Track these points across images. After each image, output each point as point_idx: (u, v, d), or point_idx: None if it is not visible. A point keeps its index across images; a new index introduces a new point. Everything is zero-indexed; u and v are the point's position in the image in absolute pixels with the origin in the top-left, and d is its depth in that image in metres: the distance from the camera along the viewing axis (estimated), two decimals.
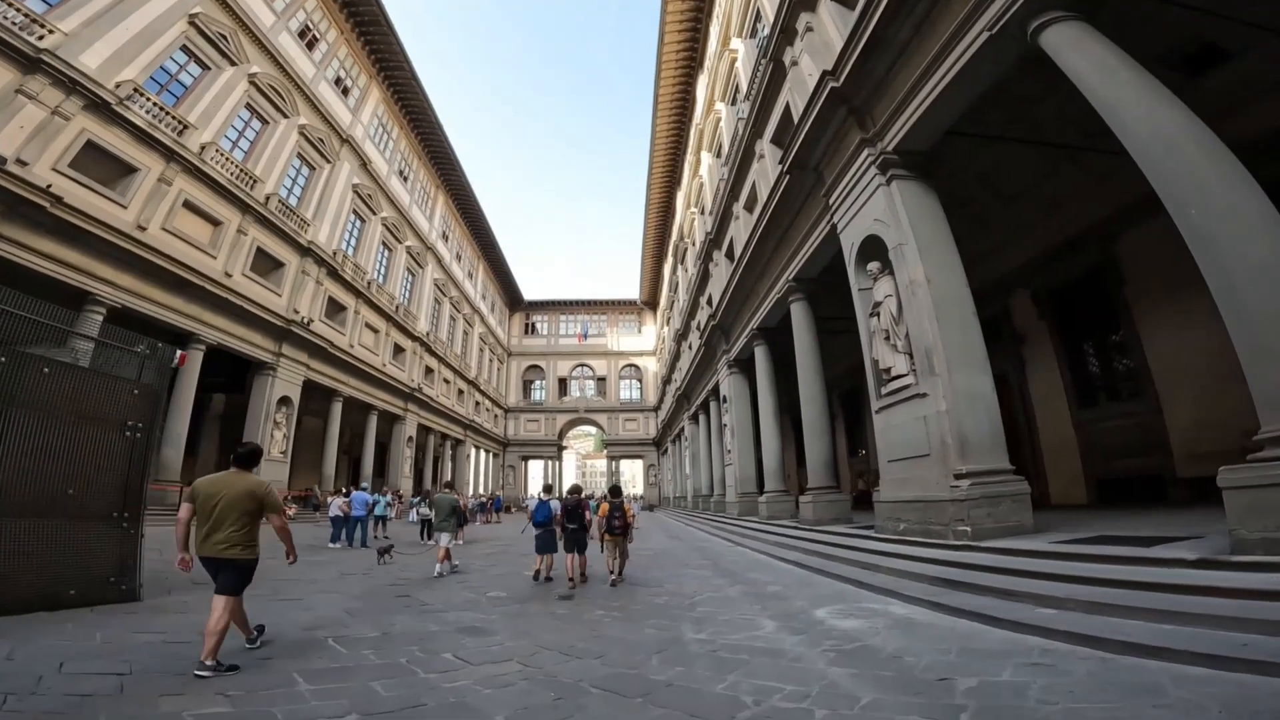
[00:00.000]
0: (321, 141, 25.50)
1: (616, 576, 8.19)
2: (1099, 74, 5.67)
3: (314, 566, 9.64)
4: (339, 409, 27.28)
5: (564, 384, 55.95)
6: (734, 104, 21.47)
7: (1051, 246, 13.58)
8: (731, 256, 20.20)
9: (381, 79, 30.75)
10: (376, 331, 30.34)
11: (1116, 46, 5.68)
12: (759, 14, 17.38)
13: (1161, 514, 8.77)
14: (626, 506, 8.41)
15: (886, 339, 8.81)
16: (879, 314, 9.04)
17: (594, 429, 58.70)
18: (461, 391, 42.92)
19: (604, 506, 8.38)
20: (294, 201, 24.16)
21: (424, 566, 10.33)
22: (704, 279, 25.63)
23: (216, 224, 19.90)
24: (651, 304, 55.39)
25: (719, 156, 24.02)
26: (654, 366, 53.94)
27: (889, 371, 8.80)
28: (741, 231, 18.45)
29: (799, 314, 13.73)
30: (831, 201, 10.93)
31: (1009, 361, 14.72)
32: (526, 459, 55.63)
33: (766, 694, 3.45)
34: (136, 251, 16.51)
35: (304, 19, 24.82)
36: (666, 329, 44.24)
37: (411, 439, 34.21)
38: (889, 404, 8.83)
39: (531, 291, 60.90)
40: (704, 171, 27.25)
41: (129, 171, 16.88)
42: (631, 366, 56.14)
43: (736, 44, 20.36)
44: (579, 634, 5.11)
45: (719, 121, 23.95)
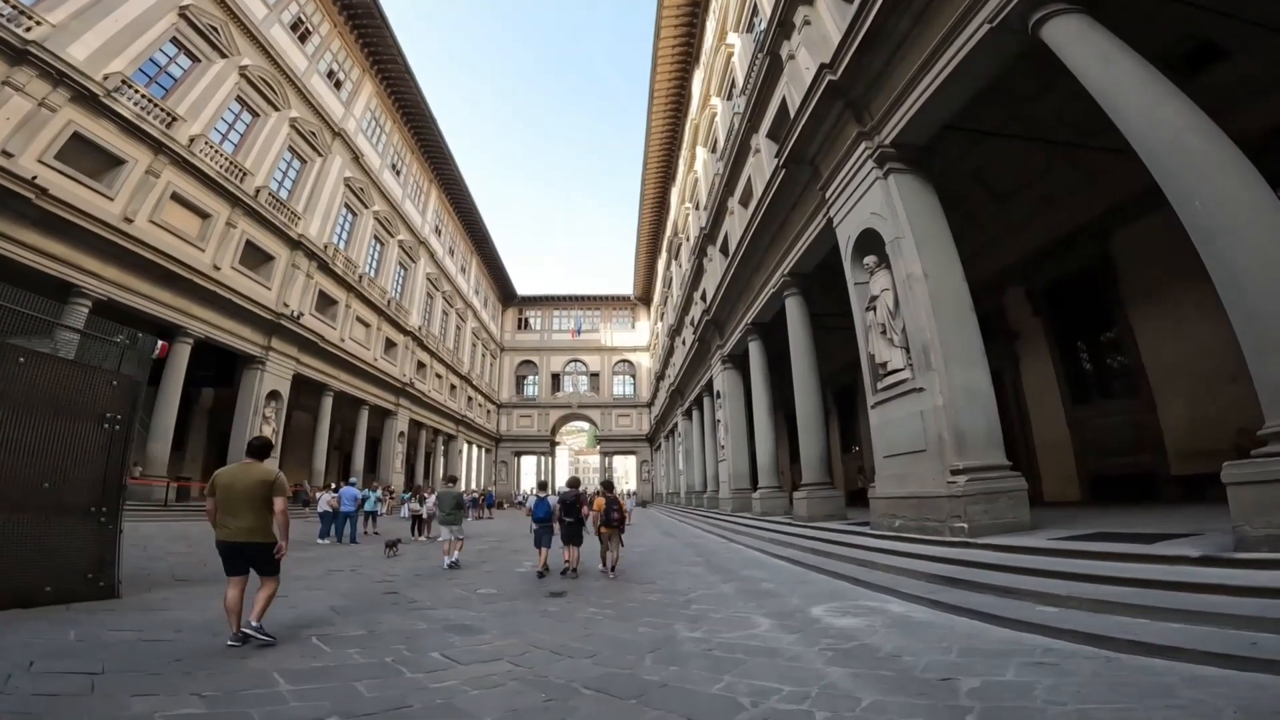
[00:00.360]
0: (313, 134, 25.24)
1: (612, 568, 8.39)
2: (1101, 67, 5.59)
3: (301, 563, 9.48)
4: (329, 404, 27.03)
5: (557, 379, 55.78)
6: (730, 99, 21.39)
7: (1045, 244, 13.57)
8: (726, 251, 20.10)
9: (375, 72, 30.46)
10: (368, 326, 30.09)
11: (1119, 39, 5.59)
12: (756, 8, 17.28)
13: (1156, 511, 8.74)
14: (621, 500, 8.71)
15: (883, 333, 8.72)
16: (875, 308, 8.95)
17: (587, 425, 58.54)
18: (454, 387, 42.69)
19: (599, 501, 8.63)
20: (285, 195, 23.92)
21: (416, 561, 10.26)
22: (698, 274, 25.52)
23: (205, 217, 19.65)
24: (645, 299, 55.26)
25: (714, 151, 23.92)
26: (647, 362, 53.86)
27: (885, 366, 8.71)
28: (736, 226, 18.36)
29: (794, 309, 13.64)
30: (828, 195, 10.86)
31: (1003, 358, 14.67)
32: (519, 454, 55.52)
33: (764, 695, 3.34)
34: (123, 244, 16.29)
35: (296, 11, 24.55)
36: (660, 324, 44.16)
37: (403, 434, 33.99)
38: (885, 399, 8.74)
39: (525, 287, 60.44)
40: (699, 167, 27.15)
41: (116, 163, 16.66)
42: (625, 362, 56.05)
43: (733, 39, 20.26)
44: (570, 632, 4.99)
45: (714, 116, 23.84)
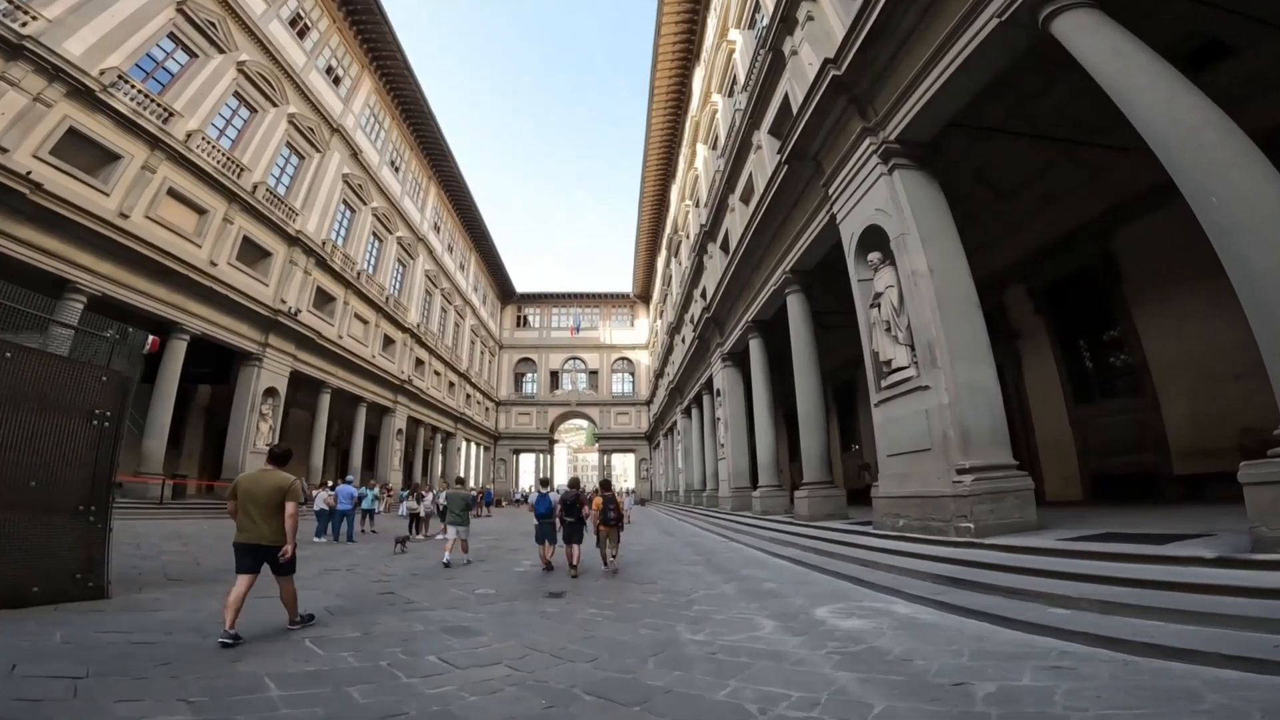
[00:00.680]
0: (311, 130, 25.06)
1: (612, 565, 8.69)
2: (1113, 61, 5.48)
3: (297, 561, 9.34)
4: (327, 401, 26.89)
5: (556, 377, 55.63)
6: (731, 96, 21.27)
7: (1046, 242, 13.50)
8: (726, 249, 20.00)
9: (374, 68, 30.27)
10: (366, 322, 29.93)
11: (1130, 33, 5.48)
12: (758, 4, 17.17)
13: (1161, 511, 8.67)
14: (618, 499, 8.96)
15: (887, 330, 8.61)
16: (880, 305, 8.84)
17: (586, 422, 58.40)
18: (452, 384, 42.54)
19: (597, 500, 8.83)
20: (282, 191, 23.76)
21: (414, 560, 10.19)
22: (698, 272, 25.41)
23: (202, 212, 19.50)
24: (644, 297, 55.11)
25: (715, 148, 23.80)
26: (646, 360, 53.73)
27: (889, 364, 8.60)
28: (737, 223, 18.26)
29: (795, 306, 13.54)
30: (831, 191, 10.76)
31: (1004, 357, 14.49)
32: (518, 452, 55.40)
33: (772, 702, 3.23)
34: (118, 239, 16.17)
35: (295, 7, 24.36)
36: (659, 322, 44.06)
37: (401, 432, 33.85)
38: (889, 397, 8.64)
39: (523, 284, 60.36)
40: (699, 164, 27.02)
41: (112, 159, 16.52)
42: (624, 360, 55.91)
43: (734, 35, 20.15)
44: (570, 635, 4.88)
45: (715, 113, 23.72)
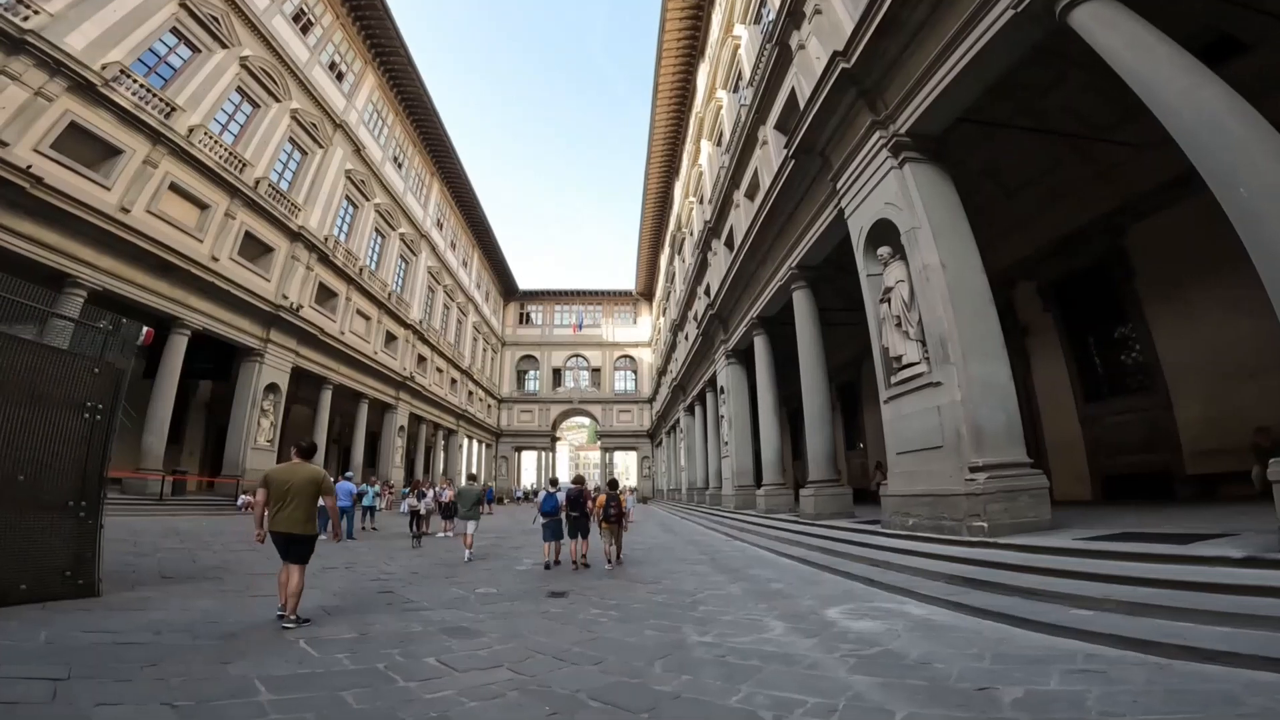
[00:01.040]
0: (314, 126, 24.95)
1: (614, 561, 9.04)
2: (1134, 52, 5.34)
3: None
4: (329, 397, 26.78)
5: (558, 374, 55.49)
6: (736, 91, 21.12)
7: (1056, 239, 13.41)
8: (731, 245, 19.84)
9: (377, 65, 30.15)
10: (368, 319, 29.83)
11: (1150, 24, 5.32)
12: None
13: (1175, 511, 8.55)
14: (622, 497, 9.28)
15: (898, 326, 8.44)
16: (890, 300, 8.66)
17: (588, 420, 58.22)
18: (455, 381, 42.44)
19: (601, 497, 9.20)
20: (285, 186, 23.67)
21: (413, 558, 10.08)
22: (702, 268, 25.25)
23: (204, 207, 19.41)
24: (647, 295, 54.95)
25: (719, 144, 23.63)
26: (649, 358, 53.56)
27: (900, 360, 8.43)
28: (742, 219, 18.09)
29: (801, 302, 13.37)
30: (839, 186, 10.64)
31: (1012, 354, 14.07)
32: (520, 450, 55.29)
33: (787, 708, 3.06)
34: (119, 233, 16.07)
35: (299, 2, 24.26)
36: (662, 320, 43.89)
37: (403, 428, 33.75)
38: (899, 393, 8.47)
39: (526, 281, 60.19)
40: (704, 160, 26.85)
41: (114, 153, 16.45)
42: (626, 358, 55.73)
43: (740, 30, 19.99)
44: (574, 636, 4.73)
45: (720, 109, 23.54)
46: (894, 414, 8.65)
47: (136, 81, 16.68)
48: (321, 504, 5.39)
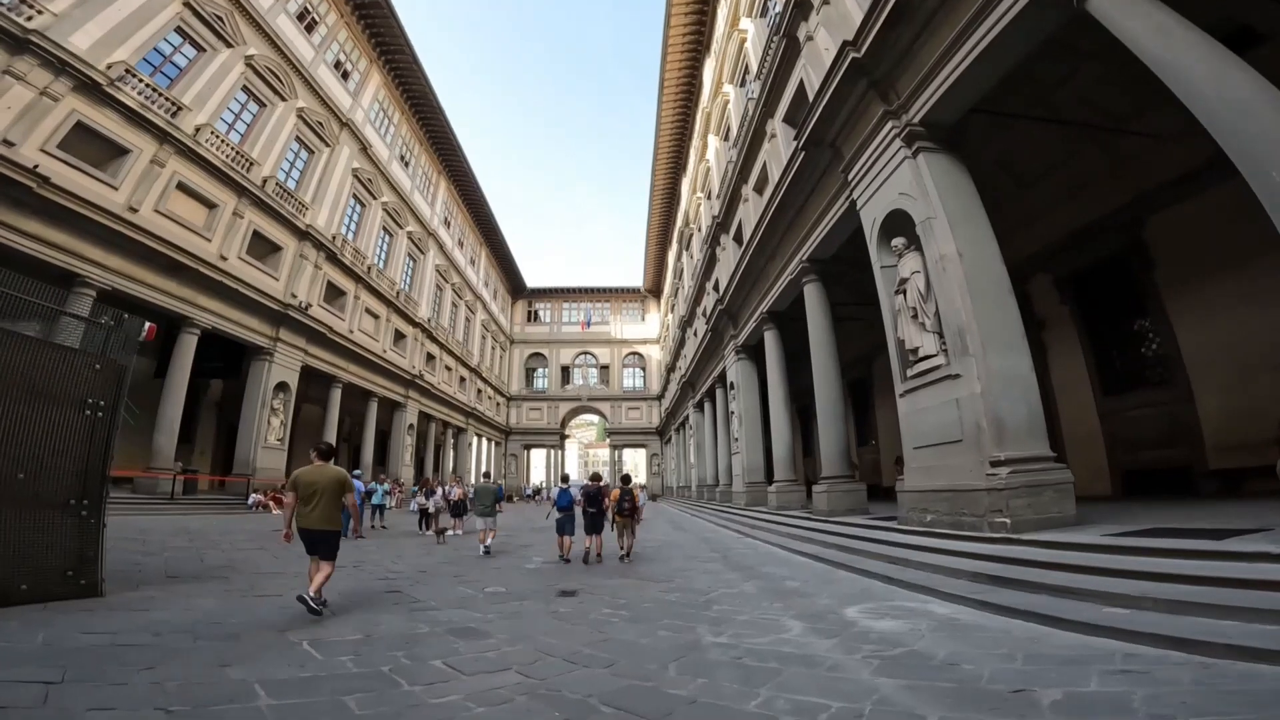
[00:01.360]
0: (320, 125, 24.92)
1: (626, 554, 9.33)
2: (1158, 38, 5.15)
3: (302, 558, 8.89)
4: (338, 396, 26.80)
5: (567, 372, 55.43)
6: (743, 85, 20.92)
7: (1072, 231, 13.18)
8: (740, 240, 19.66)
9: (382, 63, 30.09)
10: (377, 317, 29.82)
11: (1172, 10, 5.13)
12: None
13: (1199, 506, 8.36)
14: (635, 492, 9.63)
15: (914, 317, 8.24)
16: (905, 291, 8.47)
17: (596, 417, 58.13)
18: (463, 379, 42.44)
19: (615, 493, 9.63)
20: (292, 185, 23.65)
21: (421, 556, 9.91)
22: (710, 264, 25.06)
23: (211, 206, 19.40)
24: (655, 291, 54.76)
25: (727, 139, 23.44)
26: (658, 354, 53.40)
27: (916, 352, 8.23)
28: (751, 214, 17.89)
29: (813, 295, 13.18)
30: (850, 177, 10.47)
31: (1029, 348, 14.14)
32: (529, 448, 55.25)
33: (810, 714, 2.90)
34: (127, 233, 16.07)
35: (303, 1, 24.17)
36: (671, 316, 43.73)
37: (412, 427, 33.75)
38: (915, 386, 8.27)
39: (533, 279, 60.04)
40: (711, 155, 26.66)
41: (120, 153, 16.43)
42: (635, 354, 55.57)
43: (746, 24, 19.79)
44: (585, 637, 4.58)
45: (727, 104, 23.35)
46: (910, 408, 8.45)
47: (142, 81, 16.67)
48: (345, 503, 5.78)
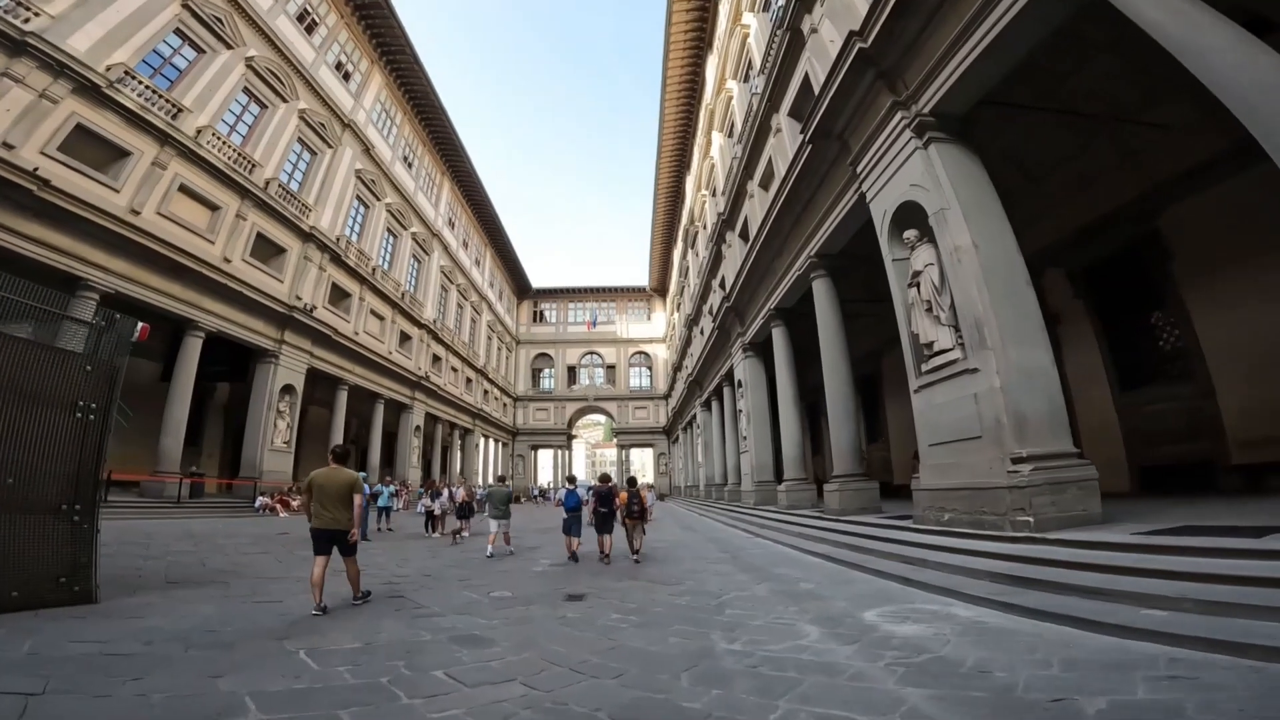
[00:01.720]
0: (322, 126, 24.84)
1: (636, 554, 9.42)
2: (1179, 21, 4.94)
3: (305, 562, 8.80)
4: (344, 398, 26.69)
5: (573, 372, 55.27)
6: (746, 81, 20.72)
7: (1085, 224, 12.95)
8: (746, 237, 19.46)
9: (383, 63, 30.01)
10: (382, 319, 29.74)
11: None
12: None
13: (1225, 503, 8.13)
14: (642, 494, 9.71)
15: (928, 311, 8.01)
16: (919, 284, 8.24)
17: (603, 417, 57.91)
18: (470, 380, 42.35)
19: (623, 495, 9.61)
20: (295, 187, 23.57)
21: (427, 560, 9.82)
22: (716, 261, 24.85)
23: (214, 209, 19.32)
24: (661, 290, 54.56)
25: (731, 135, 23.23)
26: (664, 353, 53.18)
27: (931, 346, 8.00)
28: (757, 210, 17.69)
29: (822, 291, 12.95)
30: (859, 170, 10.26)
31: None
32: (536, 448, 55.17)
33: None
34: (129, 236, 16.00)
35: (302, 2, 24.12)
36: (677, 315, 43.54)
37: (419, 428, 33.66)
38: (931, 381, 8.04)
39: (538, 279, 59.96)
40: (715, 152, 26.46)
41: (121, 155, 16.35)
42: (641, 354, 55.37)
43: (749, 19, 19.59)
44: (593, 645, 4.39)
45: (730, 100, 23.13)
46: (926, 403, 8.22)
47: (142, 83, 16.58)
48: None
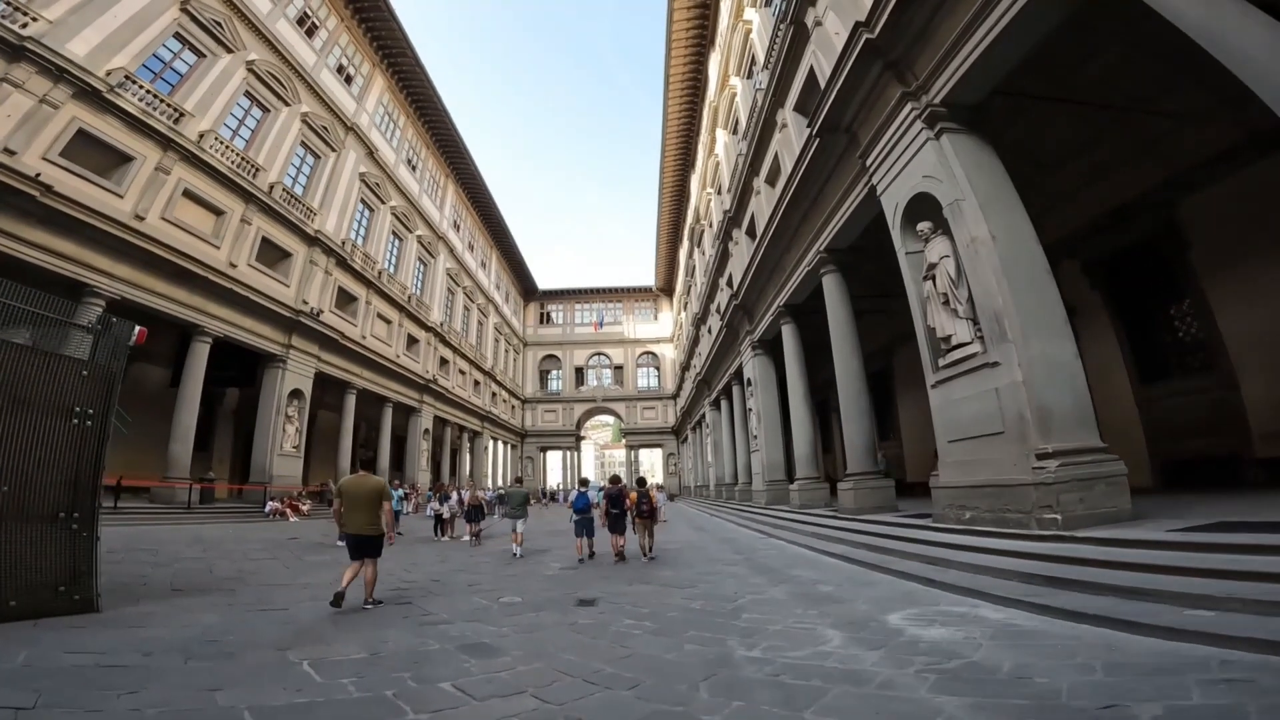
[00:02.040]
0: (325, 129, 24.81)
1: (647, 553, 9.66)
2: (1201, 7, 4.71)
3: (313, 567, 8.82)
4: (353, 402, 26.65)
5: (581, 373, 55.21)
6: (750, 77, 20.52)
7: (1100, 215, 12.71)
8: (753, 234, 19.25)
9: (385, 66, 29.98)
10: (389, 322, 29.71)
11: None
12: None
13: (1252, 497, 7.91)
14: (652, 495, 10.01)
15: (945, 304, 7.80)
16: (934, 277, 8.03)
17: (611, 418, 57.85)
18: (478, 383, 42.32)
19: (633, 495, 9.85)
20: (299, 191, 23.54)
21: (435, 564, 9.69)
22: (723, 259, 24.65)
23: (219, 213, 19.29)
24: (667, 290, 54.41)
25: (735, 132, 23.03)
26: (671, 353, 53.04)
27: (948, 340, 7.79)
28: (763, 206, 17.49)
29: (832, 286, 12.75)
30: (869, 162, 10.07)
31: None
32: (545, 450, 55.13)
33: None
34: (134, 241, 15.95)
35: (302, 5, 24.08)
36: (684, 314, 43.36)
37: (428, 431, 33.62)
38: (949, 376, 7.83)
39: (544, 280, 59.97)
40: (719, 150, 26.27)
41: (124, 160, 16.31)
42: (649, 354, 55.23)
43: (751, 14, 19.40)
44: (606, 653, 4.22)
45: (734, 97, 22.94)
46: (944, 399, 8.01)
47: (142, 87, 16.52)
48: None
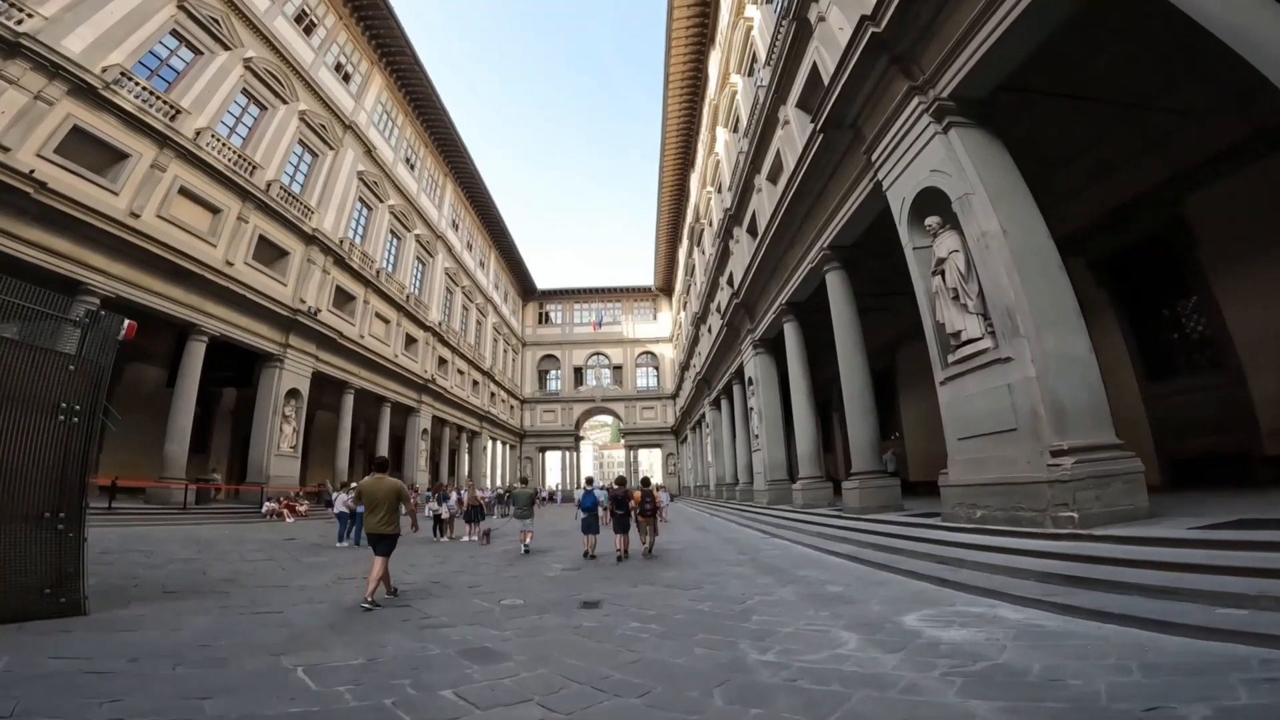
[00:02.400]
0: (323, 128, 24.63)
1: (648, 551, 10.03)
2: (1228, 4, 4.58)
3: (310, 569, 8.64)
4: (351, 402, 26.45)
5: (580, 373, 55.03)
6: (751, 75, 20.42)
7: (1106, 212, 12.56)
8: (754, 232, 19.14)
9: (383, 64, 29.80)
10: (387, 322, 29.54)
11: None
12: None
13: (1263, 495, 7.81)
14: (655, 495, 10.39)
15: (954, 299, 7.66)
16: (943, 272, 7.89)
17: (611, 418, 57.71)
18: (476, 383, 42.15)
19: (636, 494, 10.18)
20: (297, 189, 23.35)
21: (437, 565, 9.46)
22: (724, 258, 24.51)
23: (215, 211, 19.11)
24: (667, 290, 54.27)
25: (736, 130, 22.92)
26: (671, 353, 52.90)
27: (958, 336, 7.65)
28: (765, 204, 17.36)
29: (835, 283, 12.62)
30: (875, 158, 9.95)
31: None
32: (544, 450, 54.94)
33: None
34: (130, 239, 15.78)
35: (300, 3, 23.89)
36: (683, 314, 43.23)
37: (426, 431, 33.45)
38: (959, 373, 7.69)
39: (542, 280, 59.78)
40: (720, 148, 26.14)
41: (120, 158, 16.14)
42: (648, 354, 55.07)
43: (752, 11, 19.29)
44: (613, 658, 4.06)
45: (735, 95, 22.82)
46: (953, 395, 7.86)
47: (138, 84, 16.36)
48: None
